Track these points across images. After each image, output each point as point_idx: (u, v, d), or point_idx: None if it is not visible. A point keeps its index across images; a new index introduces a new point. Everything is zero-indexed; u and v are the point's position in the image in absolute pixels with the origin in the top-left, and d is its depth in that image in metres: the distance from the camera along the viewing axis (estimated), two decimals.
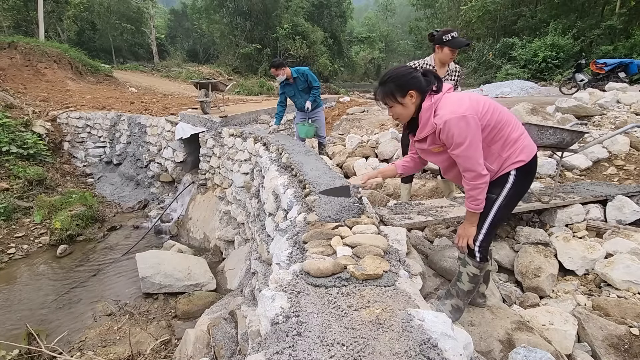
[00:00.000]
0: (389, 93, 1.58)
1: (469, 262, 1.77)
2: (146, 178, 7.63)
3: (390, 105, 1.61)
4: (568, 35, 15.62)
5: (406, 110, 1.60)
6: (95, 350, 3.28)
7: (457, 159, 1.54)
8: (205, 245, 5.70)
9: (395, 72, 1.58)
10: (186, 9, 32.39)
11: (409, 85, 1.54)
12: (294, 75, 4.65)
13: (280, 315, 1.13)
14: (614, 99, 5.48)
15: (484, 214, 1.66)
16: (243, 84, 18.63)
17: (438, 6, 26.30)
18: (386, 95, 1.59)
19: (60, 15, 22.24)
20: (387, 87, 1.58)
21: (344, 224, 1.86)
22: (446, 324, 1.06)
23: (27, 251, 5.39)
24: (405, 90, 1.54)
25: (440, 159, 1.68)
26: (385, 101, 1.61)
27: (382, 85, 1.59)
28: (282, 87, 4.79)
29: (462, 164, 1.53)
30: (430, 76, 1.58)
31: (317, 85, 4.74)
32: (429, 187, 4.22)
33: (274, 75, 4.62)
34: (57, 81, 12.63)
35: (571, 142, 2.68)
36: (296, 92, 4.78)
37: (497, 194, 1.63)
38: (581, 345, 1.91)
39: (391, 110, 1.63)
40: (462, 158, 1.51)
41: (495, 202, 1.64)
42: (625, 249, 2.44)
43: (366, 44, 41.03)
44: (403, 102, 1.57)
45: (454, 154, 1.52)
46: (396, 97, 1.57)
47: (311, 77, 4.70)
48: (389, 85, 1.57)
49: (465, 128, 1.46)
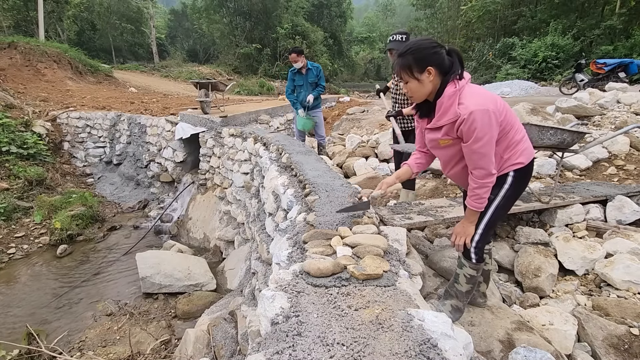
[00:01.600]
0: (406, 66, 1.45)
1: (465, 264, 1.74)
2: (146, 178, 7.63)
3: (406, 80, 1.49)
4: (568, 35, 15.62)
5: (422, 88, 1.47)
6: (95, 350, 3.27)
7: (471, 155, 1.46)
8: (205, 245, 5.70)
9: (417, 45, 1.44)
10: (186, 9, 32.37)
11: (428, 61, 1.42)
12: (309, 67, 4.84)
13: (280, 315, 1.12)
14: (614, 99, 5.48)
15: (481, 214, 1.64)
16: (243, 84, 18.64)
17: (438, 6, 26.28)
18: (403, 68, 1.47)
19: (60, 15, 22.23)
20: (405, 59, 1.45)
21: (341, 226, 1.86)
22: (446, 324, 1.06)
23: (27, 251, 5.39)
24: (423, 65, 1.42)
25: (446, 153, 1.60)
26: (402, 75, 1.49)
27: (401, 57, 1.47)
28: (292, 75, 4.94)
29: (475, 160, 1.46)
30: (454, 57, 1.45)
31: (323, 85, 4.95)
32: (429, 187, 4.22)
33: (292, 61, 4.78)
34: (57, 81, 12.63)
35: (572, 142, 2.68)
36: (305, 83, 4.92)
37: (494, 195, 1.61)
38: (581, 345, 1.91)
39: (406, 86, 1.51)
40: (477, 154, 1.44)
41: (493, 203, 1.63)
42: (625, 249, 2.44)
43: (366, 44, 41.03)
44: (420, 79, 1.45)
45: (472, 148, 1.43)
46: (413, 72, 1.45)
47: (322, 75, 4.93)
48: (408, 57, 1.44)
49: (488, 123, 1.39)
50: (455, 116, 1.42)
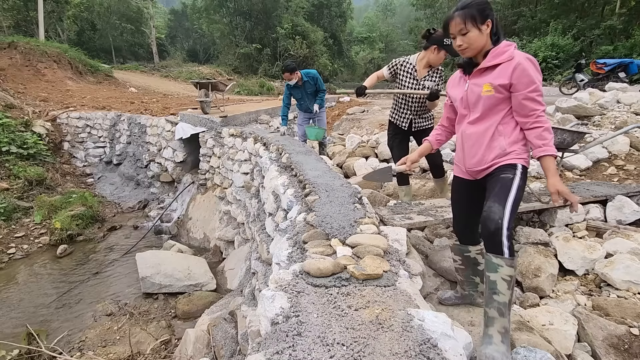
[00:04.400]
0: (470, 16, 1.53)
1: (499, 264, 1.42)
2: (146, 178, 7.63)
3: (466, 32, 1.55)
4: (568, 35, 15.62)
5: (480, 39, 1.55)
6: (95, 350, 3.27)
7: (529, 103, 1.50)
8: (205, 245, 5.70)
9: (478, 0, 1.56)
10: (186, 9, 32.40)
11: (489, 14, 1.54)
12: (304, 80, 4.71)
13: (280, 315, 1.12)
14: (614, 99, 5.48)
15: (505, 188, 1.50)
16: (243, 84, 18.64)
17: (438, 6, 26.27)
18: (467, 18, 1.53)
19: (60, 15, 22.24)
20: (470, 9, 1.54)
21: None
22: (446, 324, 1.06)
23: (27, 251, 5.39)
24: (485, 17, 1.53)
25: (484, 106, 1.61)
26: (465, 24, 1.54)
27: (464, 9, 1.55)
28: (289, 89, 4.83)
29: (542, 102, 1.51)
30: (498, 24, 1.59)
31: (324, 89, 4.87)
32: (429, 187, 4.22)
33: (286, 79, 4.66)
34: (57, 81, 12.63)
35: (572, 142, 2.69)
36: (304, 95, 4.84)
37: (512, 174, 1.54)
38: (581, 345, 1.91)
39: (464, 38, 1.56)
40: (536, 101, 1.49)
41: (514, 180, 1.53)
42: (625, 249, 2.44)
43: (366, 44, 41.02)
44: (481, 28, 1.54)
45: (530, 95, 1.49)
46: (476, 22, 1.53)
47: (320, 82, 4.80)
48: (472, 8, 1.54)
49: (539, 74, 1.51)
50: (511, 57, 1.51)
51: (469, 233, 1.88)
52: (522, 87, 1.50)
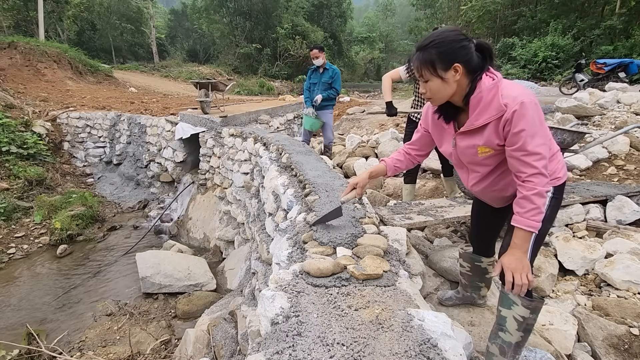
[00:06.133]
0: (427, 62, 1.21)
1: (515, 302, 1.30)
2: (146, 178, 7.63)
3: (426, 79, 1.24)
4: (568, 35, 15.61)
5: (445, 89, 1.23)
6: (95, 350, 3.27)
7: (525, 159, 1.17)
8: (205, 245, 5.70)
9: (442, 37, 1.20)
10: (186, 9, 32.39)
11: (455, 56, 1.19)
12: (327, 67, 4.93)
13: (280, 315, 1.12)
14: (614, 99, 5.48)
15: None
16: (243, 84, 18.67)
17: (438, 6, 26.27)
18: (424, 65, 1.22)
19: (60, 15, 22.24)
20: (427, 53, 1.21)
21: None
22: (446, 324, 1.06)
23: (27, 251, 5.39)
24: (450, 61, 1.19)
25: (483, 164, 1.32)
26: (422, 72, 1.24)
27: (422, 51, 1.22)
28: (310, 72, 5.09)
29: (532, 164, 1.17)
30: (485, 51, 1.23)
31: (337, 88, 5.02)
32: (429, 187, 4.22)
33: (313, 57, 4.88)
34: (57, 81, 12.63)
35: (572, 142, 2.69)
36: (319, 82, 4.99)
37: None
38: (581, 345, 1.91)
39: (425, 85, 1.26)
40: (534, 156, 1.16)
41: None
42: (625, 249, 2.44)
43: (366, 44, 41.01)
44: (444, 77, 1.21)
45: (527, 149, 1.16)
46: (436, 69, 1.21)
47: (337, 78, 4.97)
48: (431, 51, 1.20)
49: (539, 117, 1.16)
50: (501, 111, 1.17)
51: (485, 247, 1.81)
52: (509, 144, 1.21)
